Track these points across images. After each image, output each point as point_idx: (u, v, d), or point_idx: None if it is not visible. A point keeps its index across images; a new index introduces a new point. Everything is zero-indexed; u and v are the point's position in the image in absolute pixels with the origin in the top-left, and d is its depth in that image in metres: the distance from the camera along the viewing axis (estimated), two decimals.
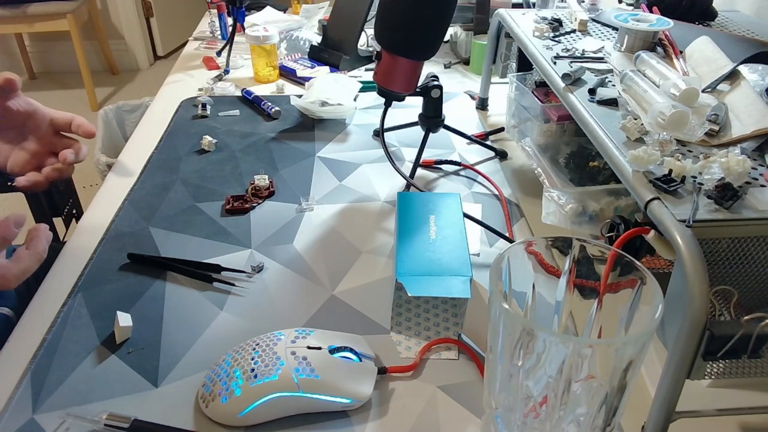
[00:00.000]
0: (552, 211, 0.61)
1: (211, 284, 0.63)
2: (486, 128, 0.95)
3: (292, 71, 1.14)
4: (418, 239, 0.60)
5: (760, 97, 0.56)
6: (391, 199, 0.78)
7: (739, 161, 0.46)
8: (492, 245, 0.70)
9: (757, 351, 0.41)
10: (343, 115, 0.97)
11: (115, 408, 0.48)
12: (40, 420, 0.48)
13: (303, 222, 0.73)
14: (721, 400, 0.48)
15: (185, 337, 0.56)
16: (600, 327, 0.44)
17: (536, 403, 0.40)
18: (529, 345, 0.37)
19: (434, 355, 0.55)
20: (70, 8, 2.69)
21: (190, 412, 0.49)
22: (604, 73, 0.67)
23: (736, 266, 0.44)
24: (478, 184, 0.82)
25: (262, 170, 0.81)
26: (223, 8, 1.30)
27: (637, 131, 0.54)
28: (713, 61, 0.63)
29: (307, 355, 0.49)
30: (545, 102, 0.77)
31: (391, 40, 0.71)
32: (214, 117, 0.99)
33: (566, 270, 0.44)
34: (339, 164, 0.86)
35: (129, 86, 3.12)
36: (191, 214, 0.74)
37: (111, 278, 0.63)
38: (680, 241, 0.40)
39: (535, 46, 0.75)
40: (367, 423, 0.49)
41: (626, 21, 0.70)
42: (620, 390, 0.38)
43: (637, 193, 0.47)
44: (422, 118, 0.82)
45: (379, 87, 0.76)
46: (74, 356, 0.54)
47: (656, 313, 0.36)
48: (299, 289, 0.63)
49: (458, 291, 0.54)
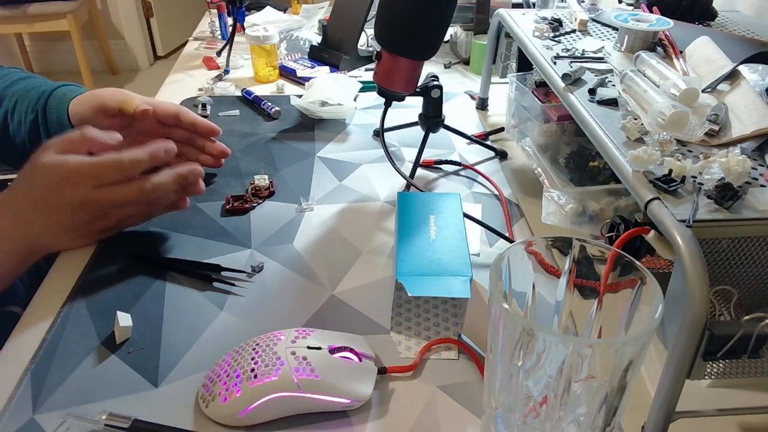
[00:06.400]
0: (552, 211, 0.61)
1: (211, 284, 0.63)
2: (486, 128, 0.95)
3: (292, 71, 1.14)
4: (418, 239, 0.60)
5: (760, 97, 0.56)
6: (391, 199, 0.78)
7: (739, 161, 0.46)
8: (492, 245, 0.70)
9: (757, 351, 0.41)
10: (343, 115, 0.97)
11: (115, 408, 0.48)
12: (40, 420, 0.48)
13: (303, 222, 0.73)
14: (721, 400, 0.48)
15: (185, 337, 0.56)
16: (600, 327, 0.44)
17: (536, 403, 0.40)
18: (529, 345, 0.37)
19: (434, 355, 0.55)
20: (70, 8, 2.70)
21: (190, 412, 0.49)
22: (604, 73, 0.67)
23: (736, 266, 0.44)
24: (478, 184, 0.82)
25: (262, 170, 0.81)
26: (223, 8, 1.30)
27: (637, 131, 0.54)
28: (713, 61, 0.63)
29: (307, 355, 0.49)
30: (545, 102, 0.77)
31: (391, 40, 0.71)
32: (214, 117, 0.99)
33: (566, 270, 0.44)
34: (339, 164, 0.86)
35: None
36: (191, 214, 0.74)
37: (111, 278, 0.63)
38: (680, 241, 0.40)
39: (535, 46, 0.75)
40: (367, 423, 0.49)
41: (626, 21, 0.70)
42: (620, 390, 0.38)
43: (637, 193, 0.47)
44: (422, 118, 0.82)
45: (379, 87, 0.76)
46: (74, 356, 0.54)
47: (656, 313, 0.36)
48: (299, 289, 0.63)
49: (458, 291, 0.54)
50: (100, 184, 0.60)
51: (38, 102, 0.74)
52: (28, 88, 0.76)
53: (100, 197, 0.60)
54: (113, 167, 0.60)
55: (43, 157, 0.59)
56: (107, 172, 0.60)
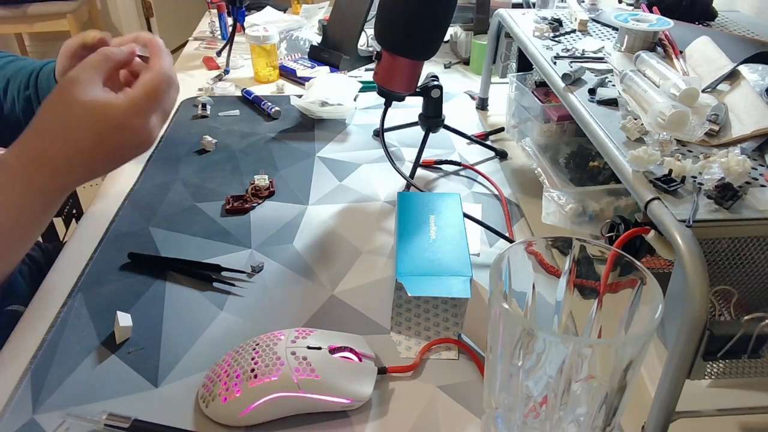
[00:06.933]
0: (552, 211, 0.61)
1: (211, 284, 0.63)
2: (486, 128, 0.95)
3: (292, 71, 1.14)
4: (418, 239, 0.60)
5: (760, 97, 0.56)
6: (391, 199, 0.78)
7: (739, 161, 0.46)
8: (492, 245, 0.70)
9: (757, 351, 0.41)
10: (343, 115, 0.97)
11: (115, 408, 0.48)
12: (40, 420, 0.48)
13: (303, 222, 0.73)
14: (721, 400, 0.48)
15: (185, 337, 0.56)
16: (600, 327, 0.44)
17: (536, 403, 0.40)
18: (529, 345, 0.37)
19: (434, 355, 0.55)
20: (70, 8, 2.69)
21: (190, 412, 0.49)
22: (604, 73, 0.67)
23: (736, 266, 0.44)
24: (478, 184, 0.82)
25: (262, 170, 0.81)
26: (223, 8, 1.30)
27: (637, 131, 0.54)
28: (713, 61, 0.63)
29: (307, 355, 0.49)
30: (545, 102, 0.77)
31: (391, 40, 0.71)
32: (214, 117, 0.99)
33: (566, 270, 0.44)
34: (339, 164, 0.86)
35: None
36: (191, 214, 0.74)
37: (111, 278, 0.63)
38: (680, 241, 0.40)
39: (535, 46, 0.75)
40: (367, 423, 0.49)
41: (626, 21, 0.70)
42: (620, 390, 0.38)
43: (637, 193, 0.47)
44: (422, 118, 0.82)
45: (379, 87, 0.76)
46: (74, 356, 0.54)
47: (656, 313, 0.36)
48: (299, 289, 0.63)
49: (458, 291, 0.54)
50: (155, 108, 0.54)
51: (29, 78, 0.73)
52: (17, 68, 0.75)
53: (161, 121, 0.55)
54: (165, 85, 0.54)
55: (81, 94, 0.50)
56: (160, 93, 0.54)
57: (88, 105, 0.51)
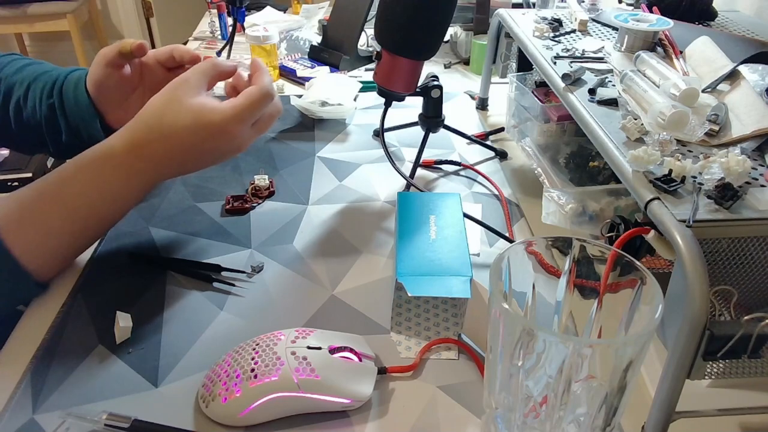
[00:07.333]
0: (552, 211, 0.61)
1: (211, 284, 0.63)
2: (486, 128, 0.95)
3: (292, 71, 1.15)
4: (418, 239, 0.60)
5: (760, 97, 0.56)
6: (391, 199, 0.78)
7: (739, 161, 0.46)
8: (492, 245, 0.70)
9: (757, 351, 0.41)
10: (343, 115, 0.97)
11: (115, 408, 0.48)
12: (40, 420, 0.48)
13: (303, 222, 0.73)
14: (721, 400, 0.48)
15: (185, 337, 0.56)
16: (600, 327, 0.44)
17: (536, 403, 0.40)
18: (529, 345, 0.37)
19: (434, 355, 0.55)
20: (70, 8, 2.70)
21: (190, 412, 0.49)
22: (604, 73, 0.67)
23: (736, 266, 0.44)
24: (478, 184, 0.82)
25: (262, 170, 0.81)
26: (223, 8, 1.30)
27: (637, 131, 0.54)
28: (713, 61, 0.63)
29: (307, 355, 0.49)
30: (545, 102, 0.77)
31: (391, 40, 0.71)
32: None
33: (566, 270, 0.44)
34: (339, 164, 0.86)
35: None
36: (191, 214, 0.74)
37: (111, 278, 0.63)
38: (680, 241, 0.40)
39: (535, 46, 0.75)
40: (367, 423, 0.49)
41: (626, 21, 0.70)
42: (620, 390, 0.38)
43: (637, 193, 0.47)
44: (422, 118, 0.82)
45: (379, 87, 0.76)
46: (74, 356, 0.54)
47: (656, 313, 0.36)
48: (299, 289, 0.63)
49: (458, 291, 0.54)
50: (253, 119, 0.60)
51: (53, 87, 0.73)
52: (37, 72, 0.75)
53: (256, 133, 0.61)
54: (267, 99, 0.60)
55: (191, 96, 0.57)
56: (260, 106, 0.59)
57: (196, 107, 0.56)
